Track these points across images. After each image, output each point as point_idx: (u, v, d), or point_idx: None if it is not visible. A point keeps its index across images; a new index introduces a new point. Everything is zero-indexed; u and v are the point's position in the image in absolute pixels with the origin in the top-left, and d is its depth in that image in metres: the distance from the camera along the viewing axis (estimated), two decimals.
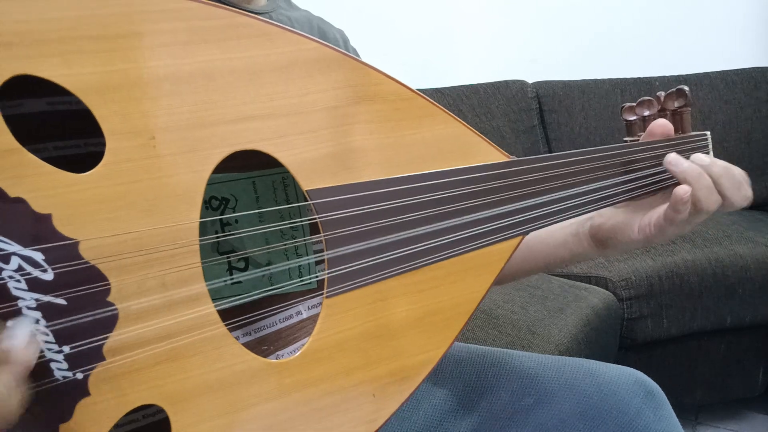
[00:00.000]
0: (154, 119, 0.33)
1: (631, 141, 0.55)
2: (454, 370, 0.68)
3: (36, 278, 0.30)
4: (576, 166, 0.51)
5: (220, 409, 0.37)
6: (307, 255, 0.53)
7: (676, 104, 0.57)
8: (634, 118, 0.58)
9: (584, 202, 0.52)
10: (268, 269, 0.52)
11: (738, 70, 1.87)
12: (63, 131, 0.42)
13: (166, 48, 0.34)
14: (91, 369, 0.32)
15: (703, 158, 0.51)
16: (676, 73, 1.91)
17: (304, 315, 0.53)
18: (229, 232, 0.50)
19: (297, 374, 0.40)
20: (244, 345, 0.38)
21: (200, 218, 0.35)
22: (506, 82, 2.00)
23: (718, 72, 1.87)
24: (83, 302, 0.32)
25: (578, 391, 0.62)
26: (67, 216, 0.31)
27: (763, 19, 1.99)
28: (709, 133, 0.59)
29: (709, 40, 2.04)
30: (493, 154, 0.48)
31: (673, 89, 0.57)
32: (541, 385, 0.63)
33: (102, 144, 0.32)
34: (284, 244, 0.52)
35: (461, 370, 0.68)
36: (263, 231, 0.51)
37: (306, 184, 0.39)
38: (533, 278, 1.36)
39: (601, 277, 1.38)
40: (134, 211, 0.33)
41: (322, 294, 0.41)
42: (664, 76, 1.91)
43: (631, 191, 0.54)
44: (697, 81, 1.86)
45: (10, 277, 0.30)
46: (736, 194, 0.51)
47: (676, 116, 0.58)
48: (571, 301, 1.24)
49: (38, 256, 0.30)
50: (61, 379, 0.32)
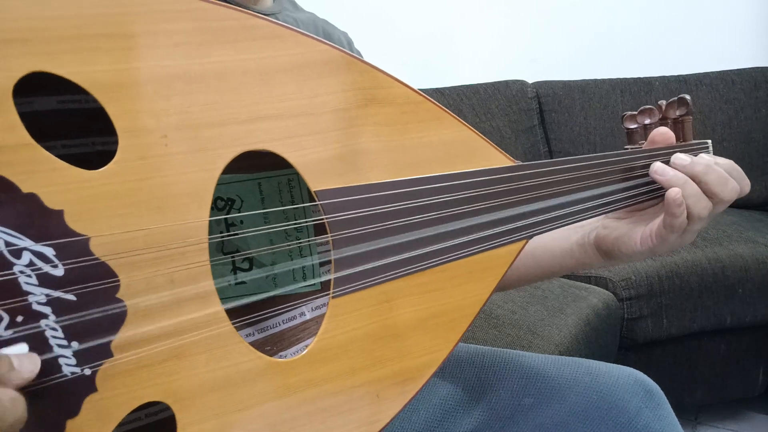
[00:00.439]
0: (167, 118, 0.34)
1: (633, 149, 0.56)
2: (455, 370, 0.68)
3: (46, 273, 0.31)
4: (579, 171, 0.51)
5: (225, 407, 0.37)
6: (312, 256, 0.53)
7: (678, 113, 0.57)
8: (636, 126, 0.58)
9: (587, 208, 0.52)
10: (272, 270, 0.52)
11: (738, 70, 1.86)
12: (72, 129, 0.42)
13: (180, 47, 0.34)
14: (99, 365, 0.32)
15: (684, 158, 0.51)
16: (676, 73, 1.91)
17: (308, 316, 0.53)
18: (234, 232, 0.50)
19: (302, 374, 0.40)
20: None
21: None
22: (506, 82, 2.00)
23: (718, 72, 1.87)
24: (93, 298, 0.32)
25: (578, 391, 0.62)
26: (79, 212, 0.31)
27: (763, 19, 1.99)
28: (710, 141, 0.59)
29: (709, 40, 2.04)
30: (499, 159, 0.48)
31: (675, 98, 0.57)
32: (541, 384, 0.64)
33: (110, 143, 0.32)
34: (288, 245, 0.52)
35: (461, 370, 0.68)
36: (268, 231, 0.51)
37: (314, 184, 0.40)
38: (528, 284, 1.36)
39: (601, 277, 1.38)
40: (145, 209, 0.33)
41: (326, 295, 0.42)
42: (664, 76, 1.91)
43: (633, 198, 0.54)
44: (697, 81, 1.86)
45: (21, 272, 0.30)
46: (723, 190, 0.50)
47: (677, 124, 0.58)
48: (571, 301, 1.24)
49: (49, 252, 0.31)
50: (69, 374, 0.32)
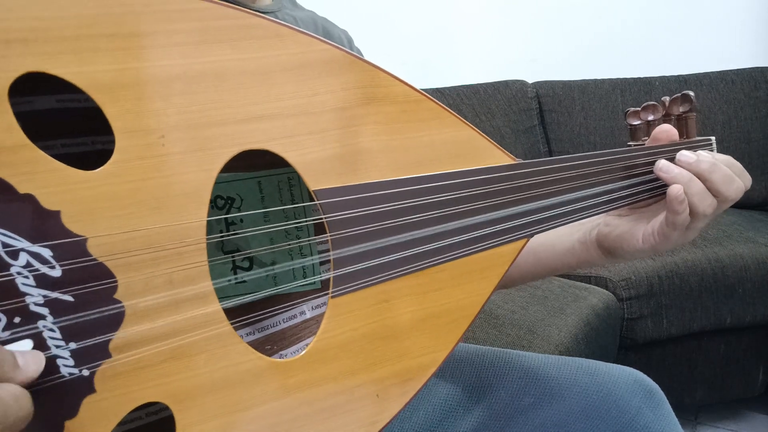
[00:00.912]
0: (165, 118, 0.33)
1: (636, 146, 0.55)
2: (455, 370, 0.68)
3: (44, 274, 0.30)
4: (580, 169, 0.51)
5: (225, 408, 0.37)
6: (312, 255, 0.53)
7: (681, 109, 0.57)
8: (639, 122, 0.58)
9: (588, 206, 0.52)
10: (273, 269, 0.52)
11: (738, 70, 1.86)
12: (72, 129, 0.42)
13: (180, 47, 0.34)
14: (97, 366, 0.32)
15: (689, 155, 0.51)
16: (676, 73, 1.91)
17: (308, 315, 0.53)
18: (234, 231, 0.50)
19: (301, 374, 0.40)
20: (248, 344, 0.38)
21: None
22: (506, 82, 2.00)
23: (718, 72, 1.87)
24: (90, 299, 0.32)
25: (578, 391, 0.62)
26: (76, 213, 0.31)
27: (762, 19, 1.99)
28: (713, 138, 0.59)
29: (709, 40, 2.04)
30: (500, 157, 0.48)
31: (678, 94, 0.56)
32: (541, 384, 0.64)
33: (110, 142, 0.32)
34: (289, 244, 0.52)
35: (461, 370, 0.68)
36: (268, 231, 0.51)
37: (313, 184, 0.39)
38: (530, 282, 1.36)
39: (601, 277, 1.38)
40: (143, 209, 0.33)
41: (326, 294, 0.41)
42: (664, 76, 1.91)
43: (635, 195, 0.54)
44: (697, 81, 1.86)
45: (18, 273, 0.30)
46: (728, 189, 0.50)
47: (681, 121, 0.57)
48: (571, 301, 1.24)
49: (46, 253, 0.30)
50: (67, 375, 0.32)
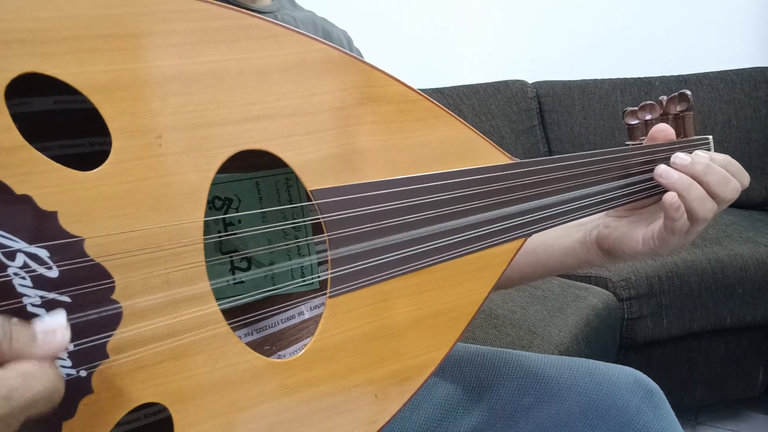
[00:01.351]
0: (162, 118, 0.33)
1: (634, 145, 0.55)
2: (455, 370, 0.68)
3: (41, 275, 0.30)
4: (578, 168, 0.51)
5: (223, 408, 0.37)
6: (310, 255, 0.53)
7: (679, 108, 0.57)
8: (637, 122, 0.58)
9: (586, 205, 0.52)
10: (271, 269, 0.52)
11: (738, 70, 1.86)
12: (70, 130, 0.42)
13: (177, 48, 0.34)
14: (95, 366, 0.32)
15: (684, 158, 0.51)
16: (676, 73, 1.91)
17: (306, 315, 0.53)
18: (232, 231, 0.50)
19: (299, 374, 0.40)
20: (246, 344, 0.38)
21: (204, 217, 0.35)
22: (506, 82, 2.01)
23: (718, 72, 1.87)
24: (88, 300, 0.32)
25: (578, 391, 0.62)
26: (73, 213, 0.31)
27: (762, 19, 1.99)
28: (711, 137, 0.59)
29: (709, 40, 2.04)
30: (497, 157, 0.48)
31: (676, 93, 0.56)
32: (541, 384, 0.64)
33: (109, 143, 0.32)
34: (287, 244, 0.52)
35: (461, 370, 0.68)
36: (266, 231, 0.51)
37: (310, 184, 0.39)
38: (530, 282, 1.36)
39: (601, 277, 1.38)
40: (140, 210, 0.33)
41: (324, 294, 0.41)
42: (664, 76, 1.91)
43: (633, 195, 0.54)
44: (697, 81, 1.86)
45: (15, 274, 0.30)
46: (725, 190, 0.50)
47: (678, 120, 0.57)
48: (571, 301, 1.24)
49: (43, 254, 0.30)
50: (64, 376, 0.31)
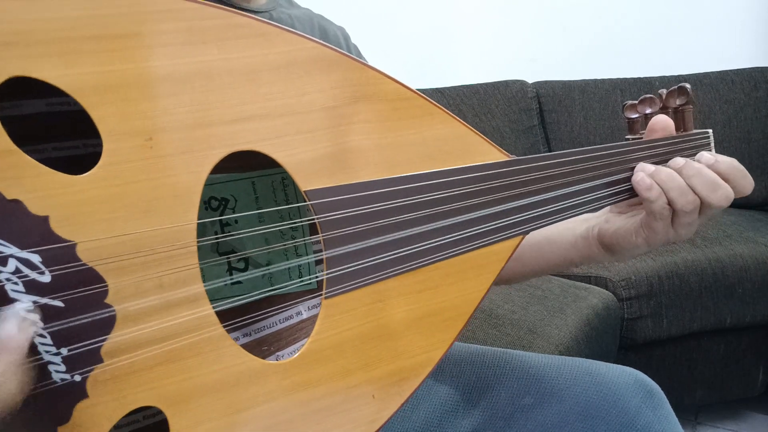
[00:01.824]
0: (152, 120, 0.33)
1: (634, 139, 0.55)
2: (454, 370, 0.68)
3: (33, 280, 0.30)
4: (576, 164, 0.50)
5: (219, 411, 0.37)
6: (307, 255, 0.53)
7: (678, 102, 0.57)
8: (636, 115, 0.58)
9: (584, 201, 0.51)
10: (268, 269, 0.52)
11: (738, 70, 1.86)
12: (62, 132, 0.41)
13: (166, 48, 0.34)
14: (89, 371, 0.32)
15: (678, 161, 0.51)
16: (676, 73, 1.91)
17: (304, 315, 0.53)
18: (229, 232, 0.50)
19: (296, 375, 0.40)
20: (244, 346, 0.37)
21: (200, 219, 0.35)
22: (506, 82, 2.00)
23: (717, 72, 1.87)
24: (81, 304, 0.32)
25: (578, 391, 0.62)
26: (65, 218, 0.31)
27: (762, 19, 1.99)
28: (710, 131, 0.58)
29: (709, 40, 2.04)
30: (493, 154, 0.48)
31: (675, 87, 0.56)
32: (541, 384, 0.63)
33: (101, 145, 0.32)
34: (284, 245, 0.52)
35: (461, 370, 0.68)
36: (263, 231, 0.51)
37: (304, 184, 0.39)
38: (533, 278, 1.36)
39: (601, 277, 1.38)
40: (132, 213, 0.33)
41: (321, 294, 0.41)
42: (664, 76, 1.91)
43: (631, 191, 0.53)
44: (697, 81, 1.86)
45: (8, 280, 0.30)
46: (711, 195, 0.49)
47: (677, 114, 0.57)
48: (571, 301, 1.24)
49: (35, 258, 0.30)
50: (59, 381, 0.31)
